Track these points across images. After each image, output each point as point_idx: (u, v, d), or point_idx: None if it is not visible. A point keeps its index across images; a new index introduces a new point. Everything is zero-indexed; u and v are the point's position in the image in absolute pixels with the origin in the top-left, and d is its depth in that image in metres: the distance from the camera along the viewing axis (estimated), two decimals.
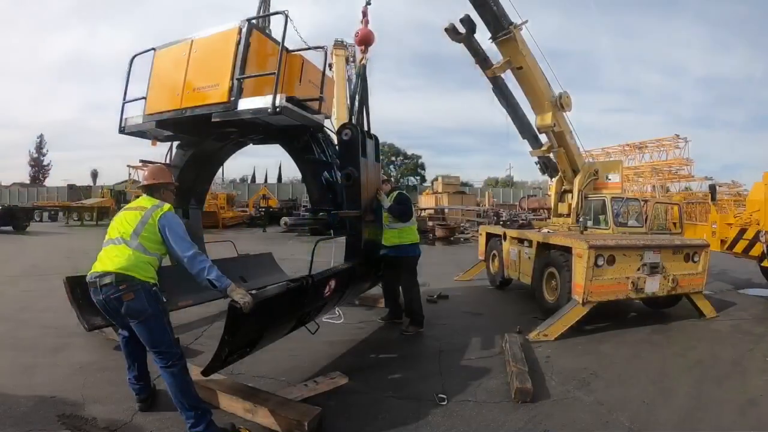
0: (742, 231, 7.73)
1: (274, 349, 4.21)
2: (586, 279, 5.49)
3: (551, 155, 8.18)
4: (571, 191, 8.16)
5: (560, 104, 7.51)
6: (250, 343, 3.40)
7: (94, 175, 64.32)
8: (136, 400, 3.39)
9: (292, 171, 62.40)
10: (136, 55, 5.15)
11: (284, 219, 4.74)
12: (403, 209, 5.61)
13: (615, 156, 25.98)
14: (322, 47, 4.70)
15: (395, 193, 5.77)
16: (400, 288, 5.84)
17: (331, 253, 6.12)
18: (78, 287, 4.79)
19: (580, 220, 7.14)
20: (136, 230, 3.11)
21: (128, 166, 30.87)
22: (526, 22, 7.13)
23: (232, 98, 4.29)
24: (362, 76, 5.20)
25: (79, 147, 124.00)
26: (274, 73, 4.09)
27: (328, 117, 5.26)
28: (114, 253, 3.06)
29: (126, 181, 32.81)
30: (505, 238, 8.06)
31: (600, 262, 5.61)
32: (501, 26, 6.99)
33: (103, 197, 31.56)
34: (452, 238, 19.27)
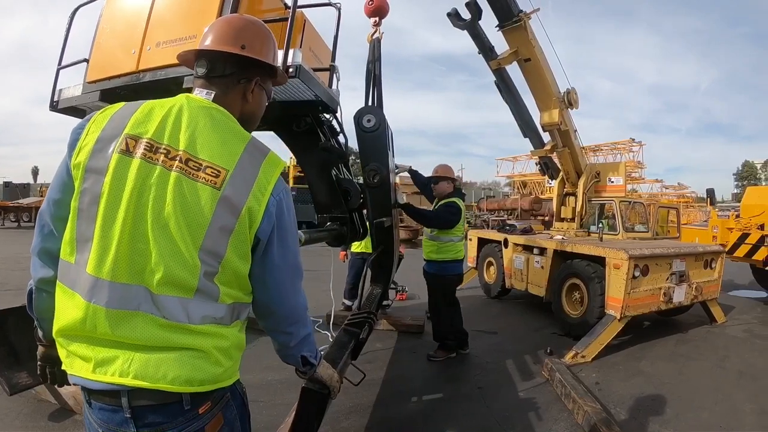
0: (744, 235, 7.57)
1: (272, 405, 3.28)
2: (625, 292, 4.92)
3: (554, 155, 7.65)
4: (573, 194, 7.67)
5: (568, 101, 6.96)
6: None
7: (35, 172, 58.90)
8: None
9: None
10: (80, 6, 3.66)
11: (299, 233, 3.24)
12: (445, 216, 4.79)
13: None
14: (334, 4, 3.68)
15: (449, 200, 4.91)
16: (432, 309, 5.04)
17: (330, 265, 5.16)
18: None
19: (599, 226, 6.61)
20: (206, 253, 1.11)
21: None
22: (538, 10, 6.49)
23: None
24: (377, 54, 4.12)
25: (22, 142, 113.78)
26: (286, 18, 2.73)
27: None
28: (154, 338, 1.08)
29: None
30: (506, 245, 7.40)
31: (636, 273, 5.06)
32: (510, 13, 6.31)
33: (42, 196, 28.25)
34: (414, 240, 18.63)
